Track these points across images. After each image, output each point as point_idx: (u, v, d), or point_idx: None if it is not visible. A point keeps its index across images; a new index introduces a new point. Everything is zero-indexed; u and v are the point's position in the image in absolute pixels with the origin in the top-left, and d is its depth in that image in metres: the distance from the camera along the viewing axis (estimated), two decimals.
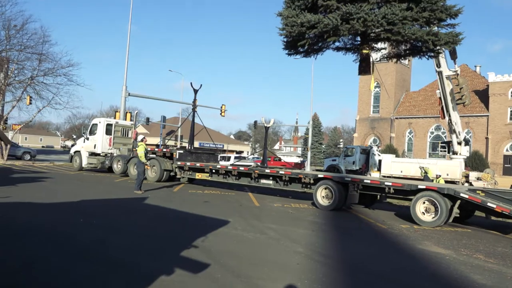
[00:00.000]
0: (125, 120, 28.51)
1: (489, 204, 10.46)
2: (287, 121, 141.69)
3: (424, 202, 11.31)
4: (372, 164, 29.54)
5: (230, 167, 16.42)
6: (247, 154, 70.81)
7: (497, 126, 46.20)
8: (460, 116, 26.38)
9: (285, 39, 14.98)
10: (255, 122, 48.33)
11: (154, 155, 19.31)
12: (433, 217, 11.07)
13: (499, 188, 16.63)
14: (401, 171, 27.91)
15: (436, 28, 13.62)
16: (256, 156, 59.18)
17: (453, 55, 22.07)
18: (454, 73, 23.33)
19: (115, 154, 22.54)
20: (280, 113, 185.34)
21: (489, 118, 46.66)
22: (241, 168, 16.24)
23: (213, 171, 16.85)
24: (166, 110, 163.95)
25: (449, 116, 24.14)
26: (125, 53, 30.01)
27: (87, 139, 23.32)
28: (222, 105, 39.52)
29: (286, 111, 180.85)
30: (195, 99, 21.76)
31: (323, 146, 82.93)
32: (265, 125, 18.63)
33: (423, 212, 11.31)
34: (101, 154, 22.97)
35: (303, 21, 13.22)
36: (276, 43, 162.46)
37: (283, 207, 13.27)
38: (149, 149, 16.53)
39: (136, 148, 15.99)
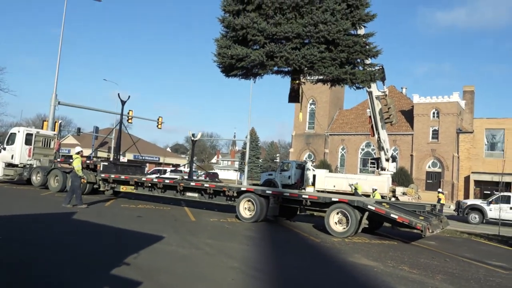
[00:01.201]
0: (54, 130, 26.99)
1: (392, 215, 11.37)
2: (225, 135, 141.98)
3: (337, 214, 11.98)
4: (307, 179, 30.34)
5: (155, 180, 16.19)
6: (184, 167, 69.68)
7: (420, 144, 49.55)
8: (388, 134, 28.02)
9: (219, 66, 15.42)
10: (193, 134, 47.84)
11: None
12: (344, 228, 11.76)
13: (402, 201, 18.13)
14: (334, 186, 28.91)
15: (358, 66, 14.54)
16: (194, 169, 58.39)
17: (382, 78, 23.51)
18: (383, 93, 24.86)
19: (34, 166, 21.22)
20: (219, 127, 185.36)
21: (414, 137, 49.95)
22: (167, 181, 16.05)
23: (139, 184, 16.47)
24: (100, 121, 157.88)
25: (378, 134, 25.55)
26: (57, 60, 28.45)
27: (4, 149, 21.81)
28: (159, 117, 38.77)
29: (224, 125, 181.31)
30: (122, 111, 21.46)
31: (260, 160, 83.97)
32: (192, 138, 18.65)
33: (336, 223, 11.95)
34: (19, 165, 21.54)
35: (233, 54, 13.91)
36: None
37: (220, 221, 13.19)
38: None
39: (72, 161, 15.14)
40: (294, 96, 16.46)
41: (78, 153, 14.67)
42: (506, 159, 41.07)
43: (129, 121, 36.76)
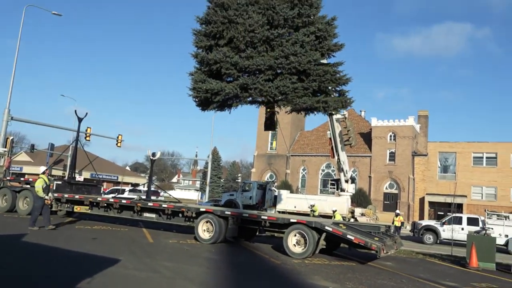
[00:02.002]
0: (6, 146, 25.73)
1: (348, 236, 11.59)
2: (187, 154, 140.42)
3: (295, 235, 12.05)
4: (268, 199, 30.37)
5: (111, 200, 15.74)
6: (143, 186, 68.02)
7: (378, 166, 51.00)
8: (348, 156, 28.67)
9: (195, 100, 15.48)
10: (152, 154, 46.99)
11: (28, 186, 17.74)
12: (302, 249, 11.84)
13: (360, 222, 18.56)
14: (295, 207, 29.12)
15: (329, 94, 15.03)
16: (153, 189, 57.14)
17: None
18: (343, 116, 25.58)
19: None
20: (181, 146, 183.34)
21: (372, 159, 51.39)
22: (124, 201, 15.63)
23: (94, 204, 15.92)
24: (56, 138, 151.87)
25: (338, 155, 26.10)
26: (11, 74, 27.34)
27: None
28: (119, 135, 37.87)
29: (186, 144, 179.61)
30: (79, 128, 20.98)
31: (222, 180, 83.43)
32: (151, 158, 18.33)
33: (294, 244, 12.02)
34: None
35: (208, 88, 14.10)
36: (179, 73, 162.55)
37: (179, 243, 12.90)
38: (31, 179, 14.97)
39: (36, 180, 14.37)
40: (270, 124, 16.93)
41: (43, 173, 14.04)
42: (457, 181, 42.97)
43: (87, 138, 35.70)
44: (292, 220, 12.35)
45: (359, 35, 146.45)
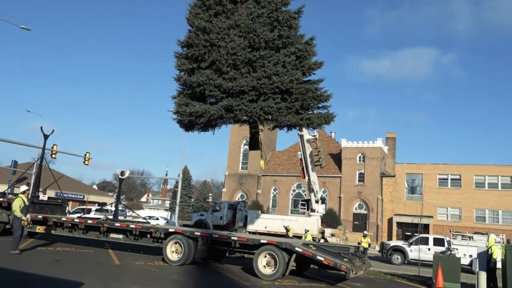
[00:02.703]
0: None
1: (318, 257, 11.61)
2: (157, 173, 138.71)
3: (265, 256, 12.01)
4: (239, 220, 30.18)
5: (77, 220, 15.25)
6: (111, 206, 66.35)
7: (348, 187, 51.72)
8: (318, 176, 28.99)
9: (179, 123, 15.49)
10: (121, 172, 46.02)
11: None
12: (272, 270, 11.78)
13: (330, 243, 18.66)
14: (266, 227, 29.02)
15: (311, 110, 15.38)
16: (121, 208, 55.74)
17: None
18: (314, 137, 25.95)
19: None
20: (151, 164, 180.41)
21: (342, 179, 52.11)
22: (89, 221, 15.16)
23: (58, 224, 15.38)
24: (20, 155, 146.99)
25: (309, 176, 26.37)
26: None
27: None
28: (87, 152, 36.93)
29: (156, 162, 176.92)
30: (44, 145, 20.51)
31: (192, 199, 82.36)
32: (120, 176, 17.95)
33: (264, 266, 11.96)
34: None
35: (192, 111, 14.17)
36: (150, 90, 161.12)
37: (146, 265, 12.56)
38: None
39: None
40: (254, 144, 17.14)
41: (23, 192, 13.38)
42: (424, 202, 44.06)
43: (53, 156, 34.63)
44: (262, 241, 12.28)
45: (329, 56, 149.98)
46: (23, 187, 13.77)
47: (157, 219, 32.94)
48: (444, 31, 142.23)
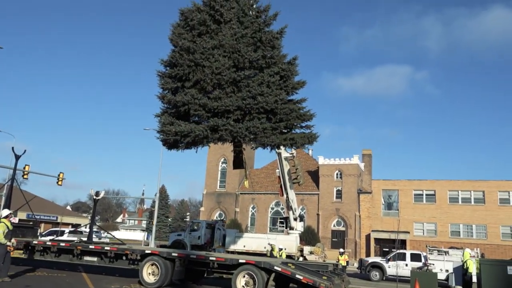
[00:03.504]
0: None
1: (297, 276, 11.56)
2: (133, 192, 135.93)
3: (244, 276, 11.89)
4: (217, 239, 29.80)
5: (49, 243, 14.81)
6: (85, 227, 64.58)
7: (326, 204, 51.92)
8: (296, 194, 29.04)
9: (163, 142, 15.36)
10: (96, 192, 45.01)
11: None
12: None
13: (309, 261, 18.61)
14: (244, 246, 28.73)
15: (295, 130, 15.56)
16: (96, 230, 54.28)
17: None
18: (291, 155, 26.10)
19: None
20: (127, 184, 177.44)
21: (320, 196, 52.30)
22: (62, 244, 14.72)
23: (29, 247, 14.86)
24: None
25: (287, 193, 26.40)
26: None
27: None
28: (60, 173, 35.98)
29: (133, 182, 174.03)
30: (16, 165, 20.08)
31: (169, 219, 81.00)
32: (94, 197, 17.57)
33: (243, 286, 11.84)
34: None
35: (177, 131, 14.08)
36: (127, 108, 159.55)
37: None
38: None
39: None
40: (238, 162, 17.13)
41: (6, 216, 12.67)
42: (400, 218, 44.63)
43: (25, 176, 33.67)
44: (241, 261, 12.14)
45: (305, 74, 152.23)
46: (5, 211, 13.06)
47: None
48: (416, 49, 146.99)
